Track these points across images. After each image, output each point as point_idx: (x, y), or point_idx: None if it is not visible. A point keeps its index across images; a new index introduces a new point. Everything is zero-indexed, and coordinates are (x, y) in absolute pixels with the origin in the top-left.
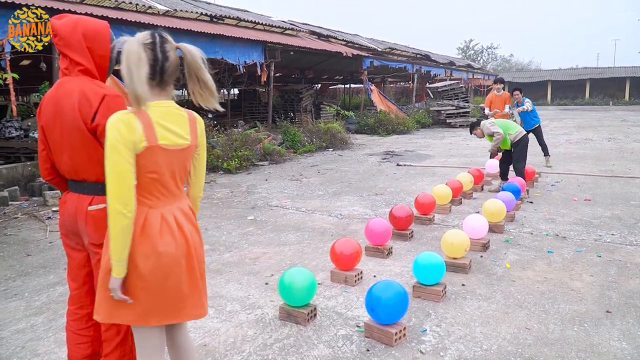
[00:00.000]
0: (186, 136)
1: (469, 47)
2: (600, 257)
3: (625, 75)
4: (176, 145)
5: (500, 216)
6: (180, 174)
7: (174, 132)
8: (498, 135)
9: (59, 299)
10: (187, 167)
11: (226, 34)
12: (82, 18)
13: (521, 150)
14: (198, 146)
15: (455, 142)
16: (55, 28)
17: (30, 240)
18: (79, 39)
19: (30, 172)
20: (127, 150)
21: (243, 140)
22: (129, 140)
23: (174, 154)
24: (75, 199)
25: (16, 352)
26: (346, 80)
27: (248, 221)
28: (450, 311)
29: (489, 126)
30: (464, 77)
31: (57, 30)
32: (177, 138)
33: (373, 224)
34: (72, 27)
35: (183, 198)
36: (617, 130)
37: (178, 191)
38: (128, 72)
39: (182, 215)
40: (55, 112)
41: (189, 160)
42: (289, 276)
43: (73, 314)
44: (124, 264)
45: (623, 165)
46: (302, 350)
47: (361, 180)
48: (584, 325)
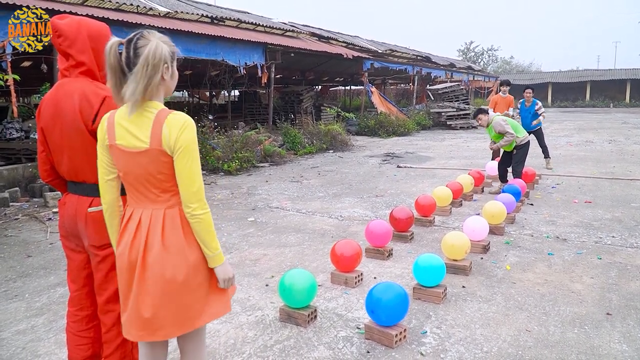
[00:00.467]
0: (144, 139)
1: (469, 49)
2: (601, 259)
3: (626, 78)
4: (133, 147)
5: (501, 218)
6: (148, 178)
7: (132, 134)
8: (510, 136)
9: (60, 300)
10: (156, 172)
11: (227, 35)
12: (84, 19)
13: (523, 153)
14: (169, 151)
15: (455, 144)
16: (59, 28)
17: (31, 241)
18: (84, 39)
19: (31, 173)
20: (100, 147)
21: (243, 142)
22: (100, 138)
23: (132, 155)
24: (74, 201)
25: (17, 353)
26: (347, 82)
27: (248, 223)
28: (450, 313)
29: (502, 123)
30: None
31: (61, 30)
32: (134, 140)
33: (373, 225)
34: (76, 28)
35: (162, 203)
36: (618, 132)
37: (152, 195)
38: None
39: (157, 221)
40: (55, 114)
41: (155, 164)
42: (289, 278)
43: (73, 315)
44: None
45: (623, 168)
46: (303, 352)
47: (361, 182)
48: (585, 327)
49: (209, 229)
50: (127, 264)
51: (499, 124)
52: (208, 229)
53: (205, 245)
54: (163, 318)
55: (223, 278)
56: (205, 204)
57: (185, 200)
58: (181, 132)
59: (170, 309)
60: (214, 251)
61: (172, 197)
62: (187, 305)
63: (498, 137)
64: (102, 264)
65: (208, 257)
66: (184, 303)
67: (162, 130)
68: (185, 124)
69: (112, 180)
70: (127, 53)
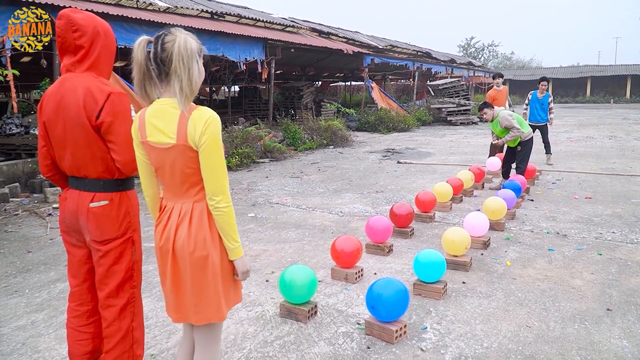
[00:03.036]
0: (171, 135)
1: (470, 45)
2: (601, 255)
3: (627, 73)
4: (162, 143)
5: (501, 214)
6: (177, 172)
7: (160, 130)
8: (517, 131)
9: (60, 295)
10: (184, 166)
11: (227, 31)
12: (95, 16)
13: (527, 150)
14: (194, 146)
15: (456, 139)
16: (77, 22)
17: (31, 237)
18: (100, 35)
19: (31, 168)
20: (135, 144)
21: (244, 138)
22: (134, 136)
23: (161, 151)
24: (76, 196)
25: (17, 349)
26: (347, 78)
27: (248, 218)
28: (450, 309)
29: (509, 118)
30: (465, 75)
31: (79, 25)
32: (162, 136)
33: (374, 221)
34: (93, 23)
35: (191, 197)
36: (618, 128)
37: (182, 189)
38: None
39: (185, 215)
40: (59, 108)
41: (183, 159)
42: (289, 273)
43: (74, 310)
44: None
45: (624, 163)
46: (303, 348)
47: (362, 178)
48: (585, 323)
49: (231, 221)
50: (161, 253)
51: (505, 119)
52: (230, 221)
53: (227, 237)
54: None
55: (242, 270)
56: (228, 197)
57: (210, 193)
58: (206, 127)
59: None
60: (235, 244)
61: (200, 191)
62: (208, 296)
63: (503, 132)
64: (103, 258)
65: (229, 249)
66: (206, 293)
67: (187, 126)
68: (209, 119)
69: (150, 175)
70: (154, 49)
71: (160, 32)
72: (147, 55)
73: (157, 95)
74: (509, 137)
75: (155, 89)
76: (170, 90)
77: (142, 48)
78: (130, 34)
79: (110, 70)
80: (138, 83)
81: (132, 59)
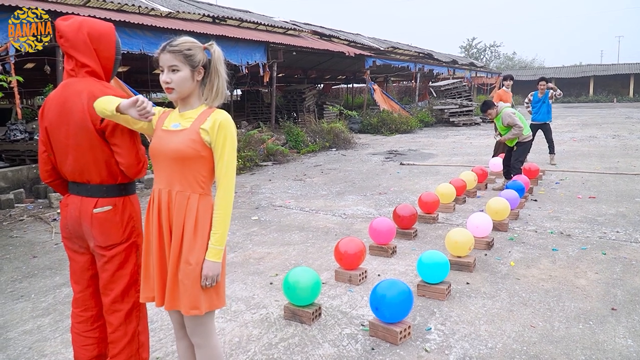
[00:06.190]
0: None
1: (471, 46)
2: (605, 254)
3: (630, 72)
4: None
5: (505, 214)
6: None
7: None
8: (519, 129)
9: (65, 300)
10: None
11: (228, 35)
12: (88, 19)
13: (524, 150)
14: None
15: (458, 140)
16: (61, 29)
17: (36, 242)
18: (84, 40)
19: (35, 174)
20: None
21: (246, 141)
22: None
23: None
24: (78, 202)
25: (23, 353)
26: (349, 80)
27: (252, 221)
28: (454, 310)
29: (511, 115)
30: (467, 76)
31: (62, 31)
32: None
33: (377, 223)
34: (77, 28)
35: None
36: (622, 127)
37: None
38: None
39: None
40: (62, 113)
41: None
42: (293, 276)
43: (78, 316)
44: None
45: (628, 163)
46: (307, 350)
47: (365, 180)
48: (589, 322)
49: (226, 221)
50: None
51: (508, 115)
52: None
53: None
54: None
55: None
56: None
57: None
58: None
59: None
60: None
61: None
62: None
63: (505, 130)
64: (108, 264)
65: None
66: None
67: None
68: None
69: None
70: None
71: None
72: None
73: None
74: (510, 135)
75: None
76: None
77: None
78: (133, 39)
79: (110, 73)
80: None
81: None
